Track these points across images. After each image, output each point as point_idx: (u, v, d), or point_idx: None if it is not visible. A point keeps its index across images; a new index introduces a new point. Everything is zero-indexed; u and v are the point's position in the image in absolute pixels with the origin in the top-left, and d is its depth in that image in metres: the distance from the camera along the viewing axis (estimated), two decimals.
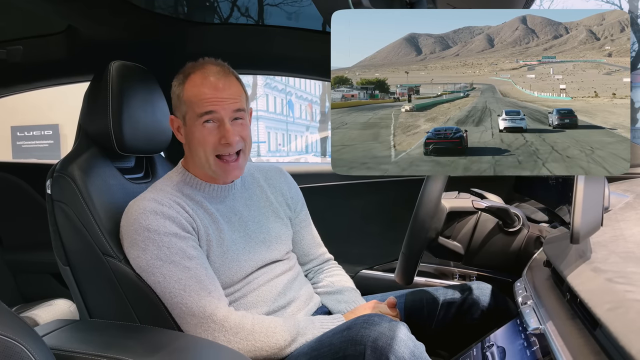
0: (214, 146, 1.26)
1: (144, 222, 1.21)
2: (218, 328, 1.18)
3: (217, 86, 1.26)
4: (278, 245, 1.41)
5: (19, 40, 1.93)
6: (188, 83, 1.27)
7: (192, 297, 1.18)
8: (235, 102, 1.27)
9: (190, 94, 1.26)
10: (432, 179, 1.33)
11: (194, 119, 1.26)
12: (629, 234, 0.97)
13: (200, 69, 1.28)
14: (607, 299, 0.71)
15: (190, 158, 1.33)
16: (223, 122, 1.25)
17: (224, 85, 1.27)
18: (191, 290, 1.18)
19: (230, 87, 1.28)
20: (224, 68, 1.30)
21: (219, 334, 1.17)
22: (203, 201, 1.31)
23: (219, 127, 1.26)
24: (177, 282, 1.18)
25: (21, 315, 1.95)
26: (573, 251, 0.94)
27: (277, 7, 2.23)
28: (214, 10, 2.17)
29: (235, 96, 1.28)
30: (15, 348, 0.80)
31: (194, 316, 1.18)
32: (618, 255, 0.89)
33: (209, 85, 1.25)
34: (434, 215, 1.36)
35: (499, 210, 1.47)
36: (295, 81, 30.32)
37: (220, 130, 1.26)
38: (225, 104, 1.25)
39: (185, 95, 1.27)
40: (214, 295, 1.20)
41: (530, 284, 1.12)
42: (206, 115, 1.25)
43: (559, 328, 0.83)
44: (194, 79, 1.27)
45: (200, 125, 1.26)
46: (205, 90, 1.25)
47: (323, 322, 1.28)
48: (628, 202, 1.20)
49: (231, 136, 1.25)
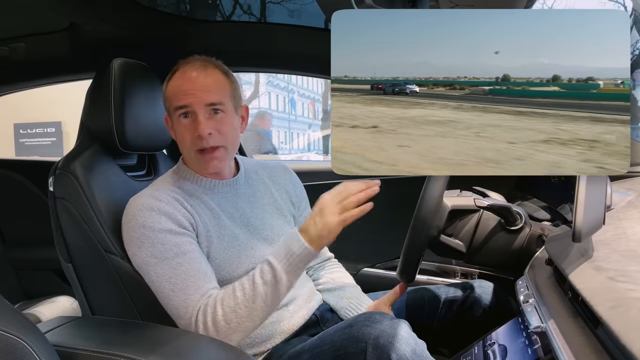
0: (191, 140, 1.24)
1: (140, 219, 1.21)
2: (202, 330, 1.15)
3: (196, 80, 1.23)
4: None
5: (21, 38, 1.93)
6: (171, 80, 1.27)
7: (179, 298, 1.16)
8: (209, 95, 1.23)
9: (170, 89, 1.27)
10: (434, 178, 1.33)
11: (172, 113, 1.27)
12: (631, 232, 0.97)
13: (185, 65, 1.27)
14: (608, 298, 0.71)
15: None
16: (196, 115, 1.23)
17: (203, 78, 1.24)
18: (179, 290, 1.17)
19: (207, 80, 1.25)
20: (208, 62, 1.28)
21: (206, 332, 1.16)
22: (203, 196, 1.31)
23: (193, 121, 1.24)
24: (167, 282, 1.17)
25: (24, 312, 1.95)
26: (575, 249, 0.94)
27: (280, 4, 2.23)
28: (217, 7, 2.17)
29: (211, 89, 1.24)
30: (18, 345, 0.80)
31: (181, 318, 1.17)
32: (620, 253, 0.89)
33: (186, 79, 1.24)
34: (435, 214, 1.36)
35: (501, 208, 1.47)
36: (298, 79, 30.28)
37: (194, 124, 1.24)
38: (199, 96, 1.23)
39: (167, 91, 1.28)
40: (200, 291, 1.17)
41: (532, 282, 1.12)
42: (180, 110, 1.24)
43: (561, 326, 0.83)
44: (177, 75, 1.27)
45: (177, 120, 1.25)
46: (182, 84, 1.24)
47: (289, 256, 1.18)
48: (630, 201, 1.20)
49: (202, 129, 1.21)
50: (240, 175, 1.40)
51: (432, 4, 1.04)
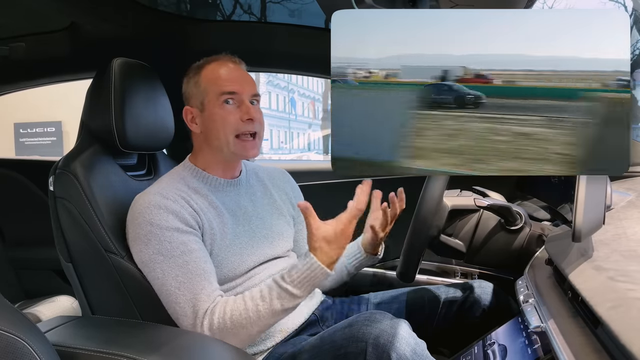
0: (235, 125, 1.29)
1: (147, 216, 1.21)
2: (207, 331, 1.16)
3: (237, 71, 1.34)
4: (280, 242, 1.41)
5: (21, 37, 1.93)
6: (205, 71, 1.33)
7: (185, 296, 1.17)
8: (252, 86, 1.35)
9: (210, 77, 1.32)
10: (434, 177, 1.33)
11: (215, 99, 1.30)
12: (631, 232, 0.97)
13: (215, 60, 1.35)
14: (608, 298, 0.71)
15: (205, 147, 1.34)
16: (243, 102, 1.31)
17: (242, 71, 1.36)
18: (185, 288, 1.18)
19: (245, 74, 1.36)
20: (237, 59, 1.38)
21: (211, 333, 1.16)
22: (209, 194, 1.32)
23: (239, 107, 1.30)
24: (173, 279, 1.18)
25: (24, 311, 1.95)
26: (575, 249, 0.94)
27: (280, 4, 2.23)
28: (217, 7, 2.17)
29: (251, 81, 1.36)
30: (18, 344, 0.80)
31: (185, 316, 1.18)
32: (620, 253, 0.89)
33: (227, 69, 1.33)
34: (435, 213, 1.36)
35: (501, 208, 1.47)
36: (298, 79, 30.32)
37: (242, 109, 1.30)
38: (245, 86, 1.32)
39: (203, 80, 1.32)
40: (206, 292, 1.18)
41: (531, 282, 1.12)
42: (227, 95, 1.30)
43: (560, 326, 0.83)
44: (211, 67, 1.33)
45: (220, 106, 1.30)
46: (225, 73, 1.32)
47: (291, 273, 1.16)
48: (630, 201, 1.20)
49: (253, 112, 1.30)
50: (243, 175, 1.42)
51: (432, 3, 1.04)
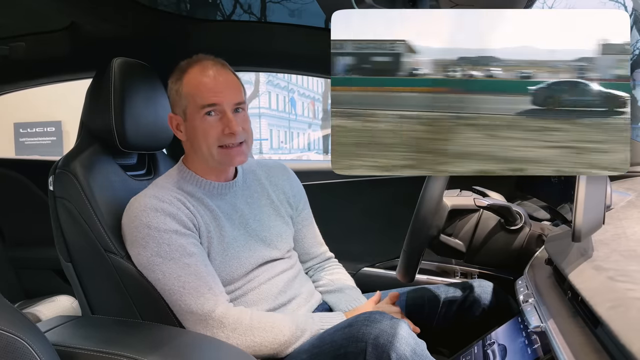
0: (217, 137, 1.26)
1: (144, 219, 1.21)
2: (217, 325, 1.18)
3: (217, 79, 1.27)
4: (279, 243, 1.41)
5: (21, 37, 1.93)
6: (187, 77, 1.28)
7: (191, 294, 1.18)
8: (236, 94, 1.29)
9: (190, 87, 1.27)
10: (434, 177, 1.33)
11: (196, 111, 1.26)
12: (631, 232, 0.97)
13: (197, 63, 1.29)
14: (608, 297, 0.71)
15: (193, 153, 1.33)
16: (225, 113, 1.26)
17: (224, 78, 1.29)
18: (190, 287, 1.19)
19: (229, 79, 1.30)
20: (220, 62, 1.32)
21: (218, 331, 1.18)
22: (204, 198, 1.31)
23: (221, 119, 1.26)
24: (176, 280, 1.19)
25: (23, 311, 1.95)
26: (575, 249, 0.94)
27: (280, 4, 2.23)
28: (217, 7, 2.18)
29: (233, 88, 1.29)
30: (17, 344, 0.80)
31: (193, 313, 1.19)
32: (620, 253, 0.89)
33: (208, 77, 1.27)
34: (435, 213, 1.36)
35: (500, 208, 1.47)
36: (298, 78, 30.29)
37: (223, 121, 1.26)
38: (227, 95, 1.27)
39: (184, 89, 1.28)
40: (213, 292, 1.20)
41: (531, 282, 1.12)
42: (208, 107, 1.25)
43: (560, 326, 0.83)
44: (193, 73, 1.28)
45: (201, 118, 1.26)
46: (206, 82, 1.26)
47: (323, 318, 1.28)
48: (630, 201, 1.20)
49: (235, 126, 1.25)
50: (238, 177, 1.41)
51: (432, 3, 1.04)
